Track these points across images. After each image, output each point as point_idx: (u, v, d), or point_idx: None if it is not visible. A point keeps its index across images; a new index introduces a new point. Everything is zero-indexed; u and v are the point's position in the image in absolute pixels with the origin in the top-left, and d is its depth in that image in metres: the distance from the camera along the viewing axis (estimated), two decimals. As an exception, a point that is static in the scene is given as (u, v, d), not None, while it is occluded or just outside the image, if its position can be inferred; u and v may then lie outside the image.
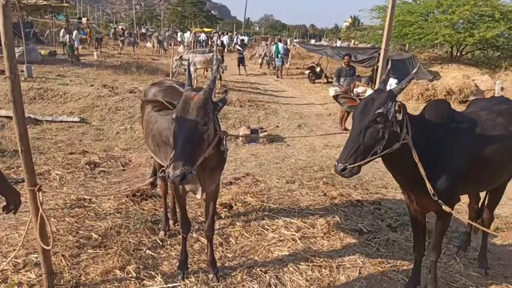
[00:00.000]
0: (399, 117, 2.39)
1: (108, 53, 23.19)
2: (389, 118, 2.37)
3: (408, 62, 15.56)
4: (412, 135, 2.48)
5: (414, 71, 2.88)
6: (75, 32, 20.66)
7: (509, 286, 3.32)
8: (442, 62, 18.13)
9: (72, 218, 4.03)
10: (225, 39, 34.59)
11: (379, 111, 2.35)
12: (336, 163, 2.39)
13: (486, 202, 3.55)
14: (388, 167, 2.71)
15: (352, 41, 33.97)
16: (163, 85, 3.80)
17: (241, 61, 18.29)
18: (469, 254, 3.81)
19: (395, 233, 4.20)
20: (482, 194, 3.70)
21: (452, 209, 2.66)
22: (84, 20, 45.21)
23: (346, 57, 9.82)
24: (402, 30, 18.63)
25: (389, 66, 2.97)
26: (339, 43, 34.72)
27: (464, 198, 3.77)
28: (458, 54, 19.18)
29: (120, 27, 38.76)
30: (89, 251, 3.44)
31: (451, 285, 3.31)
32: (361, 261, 3.62)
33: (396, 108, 2.38)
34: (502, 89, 12.84)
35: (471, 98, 13.04)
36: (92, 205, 4.46)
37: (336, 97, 2.76)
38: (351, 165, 2.34)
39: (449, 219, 2.87)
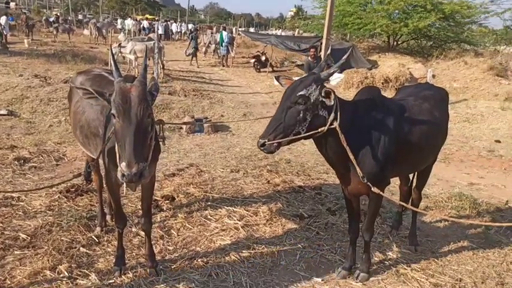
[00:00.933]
0: (328, 102, 2.46)
1: (41, 40, 21.62)
2: (312, 101, 2.46)
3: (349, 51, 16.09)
4: (343, 120, 2.56)
5: (344, 56, 2.93)
6: (3, 18, 19.07)
7: (436, 260, 3.57)
8: (379, 51, 18.94)
9: (-3, 218, 3.73)
10: (174, 26, 33.68)
11: (301, 93, 2.45)
12: (259, 138, 2.50)
13: (415, 183, 3.76)
14: (320, 151, 2.79)
15: (297, 30, 34.51)
16: (91, 73, 3.59)
17: (195, 53, 17.75)
18: (401, 232, 4.04)
19: (334, 216, 4.35)
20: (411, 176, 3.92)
21: (383, 191, 2.80)
22: (12, 4, 41.81)
23: (312, 49, 9.25)
24: (342, 20, 19.19)
25: (329, 51, 3.04)
26: (279, 31, 35.17)
27: (396, 180, 3.98)
28: (395, 43, 20.15)
29: (54, 13, 36.30)
30: (16, 252, 3.20)
31: (384, 263, 3.49)
32: (302, 246, 3.71)
33: (323, 94, 2.45)
34: (433, 76, 13.69)
35: (406, 85, 13.83)
36: (21, 203, 4.16)
37: (277, 78, 2.82)
38: (270, 142, 2.45)
39: (380, 201, 3.00)
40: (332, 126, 2.53)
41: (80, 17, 43.77)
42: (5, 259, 3.10)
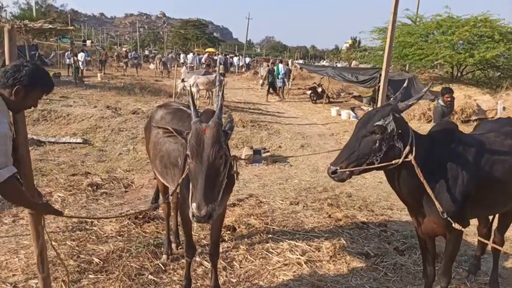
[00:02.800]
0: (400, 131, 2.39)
1: (112, 74, 23.49)
2: (389, 131, 2.40)
3: (410, 83, 15.64)
4: (418, 153, 2.47)
5: (425, 90, 2.88)
6: (81, 54, 21.02)
7: (523, 312, 3.22)
8: (442, 82, 18.18)
9: (73, 242, 3.96)
10: (235, 60, 35.17)
11: (378, 123, 2.41)
12: (329, 165, 2.47)
13: (497, 225, 3.47)
14: (391, 185, 2.68)
15: (353, 62, 34.42)
16: (171, 107, 3.79)
17: (273, 86, 18.15)
18: (479, 278, 3.71)
19: (402, 256, 4.11)
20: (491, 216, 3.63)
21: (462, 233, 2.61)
22: (88, 42, 46.06)
23: (447, 95, 6.69)
24: (402, 51, 18.82)
25: (405, 84, 3.01)
26: (339, 64, 35.16)
27: (473, 221, 3.70)
28: (459, 74, 19.31)
29: (123, 49, 39.39)
30: (90, 276, 3.36)
31: (463, 312, 3.21)
32: (369, 286, 3.52)
33: (397, 124, 2.39)
34: (504, 108, 12.85)
35: (473, 117, 13.07)
36: (94, 228, 4.39)
37: (352, 109, 2.82)
38: (342, 170, 2.42)
39: (459, 242, 2.80)
40: (407, 159, 2.45)
41: (146, 52, 47.07)
42: (80, 282, 3.26)
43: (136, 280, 3.35)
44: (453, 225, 2.45)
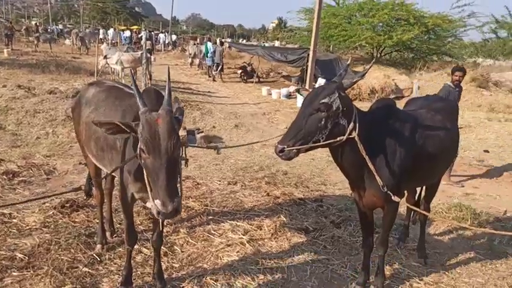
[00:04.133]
0: (344, 109, 2.43)
1: (22, 50, 21.15)
2: (334, 109, 2.43)
3: (334, 63, 16.28)
4: (361, 130, 2.53)
5: (368, 67, 2.95)
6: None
7: (446, 273, 3.55)
8: (364, 63, 19.22)
9: (-10, 237, 3.52)
10: (162, 37, 33.55)
11: (324, 100, 2.42)
12: (277, 144, 2.46)
13: (424, 195, 3.75)
14: (336, 162, 2.74)
15: (276, 42, 34.82)
16: (104, 85, 3.44)
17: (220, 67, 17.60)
18: (408, 245, 4.01)
19: (339, 229, 4.29)
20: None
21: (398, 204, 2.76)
22: (-10, 13, 40.86)
23: (456, 72, 6.01)
24: (328, 32, 19.48)
25: (349, 61, 3.05)
26: (277, 43, 35.41)
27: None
28: (378, 55, 20.53)
29: (34, 23, 35.65)
30: (14, 273, 3.01)
31: (396, 277, 3.45)
32: (311, 260, 3.63)
33: (342, 101, 2.43)
34: (418, 87, 13.95)
35: (392, 96, 14.02)
36: (14, 220, 3.95)
37: (298, 90, 2.77)
38: (290, 148, 2.42)
39: (395, 213, 2.97)
40: (351, 136, 2.50)
41: (61, 26, 43.10)
42: (3, 281, 2.91)
43: (69, 274, 3.07)
44: (392, 197, 2.57)
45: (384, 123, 2.73)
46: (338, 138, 2.48)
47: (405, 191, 2.98)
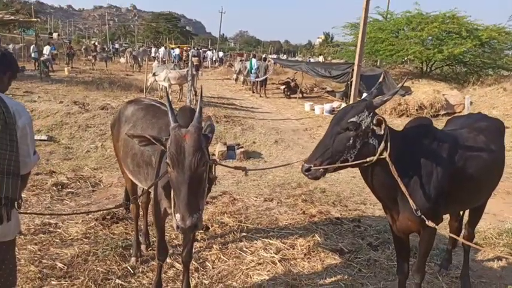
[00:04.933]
0: (378, 131, 2.34)
1: (80, 68, 22.70)
2: (363, 128, 2.36)
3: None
4: (393, 151, 2.42)
5: (399, 85, 2.86)
6: (46, 47, 20.15)
7: (493, 305, 3.27)
8: (412, 78, 18.59)
9: (36, 246, 3.74)
10: (209, 54, 34.75)
11: (352, 119, 2.35)
12: (303, 163, 2.41)
13: (467, 220, 3.51)
14: (366, 182, 2.64)
15: (320, 57, 34.60)
16: (142, 103, 3.60)
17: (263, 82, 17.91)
18: (451, 272, 3.75)
19: (376, 251, 4.11)
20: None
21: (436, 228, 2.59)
22: (55, 35, 44.34)
23: None
24: (374, 46, 19.10)
25: (381, 79, 2.95)
26: (320, 58, 35.35)
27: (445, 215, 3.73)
28: (428, 69, 19.78)
29: (92, 42, 38.17)
30: (53, 282, 3.16)
31: (436, 307, 3.22)
32: (343, 284, 3.50)
33: (374, 122, 2.34)
34: (471, 103, 13.24)
35: (442, 112, 13.41)
36: (58, 230, 4.17)
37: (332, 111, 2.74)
38: (316, 167, 2.36)
39: (433, 238, 2.79)
40: (382, 157, 2.40)
41: (117, 46, 45.80)
42: (42, 289, 3.06)
43: (102, 285, 3.18)
44: (427, 222, 2.43)
45: (419, 143, 2.60)
46: (368, 159, 2.40)
47: (443, 216, 2.79)
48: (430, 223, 2.43)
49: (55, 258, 3.52)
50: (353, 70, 14.42)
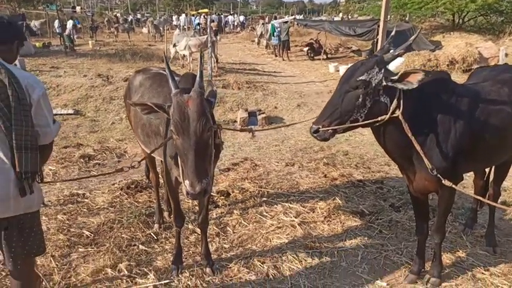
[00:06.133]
0: (409, 85, 2.23)
1: (104, 41, 22.84)
2: (373, 85, 2.26)
3: (409, 33, 15.11)
4: (407, 108, 2.31)
5: (412, 38, 2.68)
6: (69, 22, 20.33)
7: (519, 263, 3.18)
8: (443, 31, 17.63)
9: (64, 215, 3.91)
10: (230, 19, 34.15)
11: (361, 77, 2.25)
12: (312, 124, 2.34)
13: (492, 177, 3.37)
14: (378, 142, 2.56)
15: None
16: (150, 72, 3.61)
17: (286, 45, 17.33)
18: (476, 231, 3.66)
19: (398, 213, 4.06)
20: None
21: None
22: (78, 8, 44.63)
23: None
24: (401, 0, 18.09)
25: (392, 33, 2.80)
26: (339, 17, 33.99)
27: (470, 173, 3.60)
28: (460, 21, 18.64)
29: (114, 14, 38.16)
30: (80, 249, 3.32)
31: (458, 266, 3.17)
32: (363, 245, 3.49)
33: (383, 76, 2.22)
34: (506, 55, 12.47)
35: (475, 66, 12.70)
36: (86, 200, 4.34)
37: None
38: (325, 128, 2.30)
39: (452, 198, 2.70)
40: (394, 115, 2.30)
41: (139, 16, 45.61)
42: (70, 256, 3.23)
43: (127, 251, 3.31)
44: (443, 181, 2.33)
45: (435, 99, 2.46)
46: (379, 118, 2.30)
47: (463, 174, 2.68)
48: (446, 182, 2.34)
49: (82, 227, 3.69)
50: (379, 26, 13.79)
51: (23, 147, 1.89)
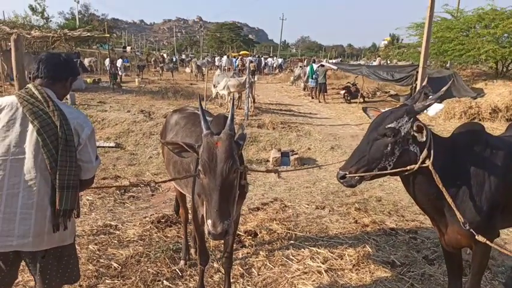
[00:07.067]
0: (420, 138, 2.22)
1: (149, 79, 24.11)
2: (402, 134, 2.25)
3: (449, 80, 14.92)
4: (437, 158, 2.28)
5: (444, 88, 2.68)
6: (119, 61, 21.77)
7: None
8: (486, 78, 17.25)
9: (96, 246, 4.03)
10: (269, 61, 35.30)
11: (390, 125, 2.26)
12: (338, 170, 2.34)
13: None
14: (408, 191, 2.51)
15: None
16: (186, 112, 3.78)
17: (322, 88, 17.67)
18: (517, 292, 3.40)
19: (432, 266, 3.86)
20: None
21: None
22: (128, 48, 47.68)
23: None
24: (441, 46, 18.02)
25: (425, 82, 2.81)
26: (377, 61, 34.12)
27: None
28: (504, 69, 18.19)
29: (161, 54, 40.42)
30: (107, 281, 3.39)
31: (496, 330, 2.95)
32: (393, 298, 3.33)
33: (414, 128, 2.21)
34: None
35: (520, 115, 12.21)
36: (117, 232, 4.46)
37: (365, 109, 2.71)
38: (352, 174, 2.29)
39: (487, 255, 2.56)
40: (424, 165, 2.27)
41: (183, 56, 48.07)
42: (96, 287, 3.30)
43: (151, 286, 3.34)
44: (476, 237, 2.23)
45: (468, 150, 2.41)
46: (408, 167, 2.28)
47: (499, 230, 2.55)
48: (480, 237, 2.24)
49: (111, 258, 3.77)
50: (417, 72, 13.73)
51: (65, 186, 1.99)
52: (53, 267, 2.08)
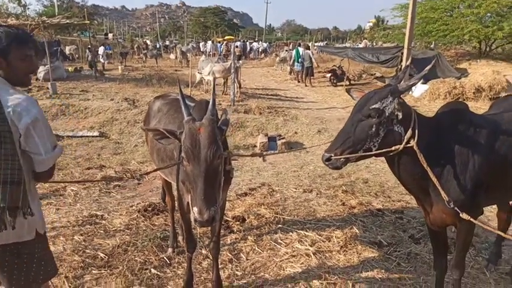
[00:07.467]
0: (400, 115, 2.20)
1: (132, 66, 23.67)
2: (387, 114, 2.24)
3: (434, 61, 14.99)
4: (422, 138, 2.27)
5: (427, 68, 2.65)
6: (101, 48, 21.29)
7: (547, 304, 2.99)
8: (470, 58, 17.40)
9: (81, 236, 3.97)
10: (255, 45, 34.98)
11: (375, 106, 2.23)
12: (324, 152, 2.32)
13: (516, 211, 3.22)
14: (393, 172, 2.51)
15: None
16: (168, 98, 3.71)
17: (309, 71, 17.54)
18: (500, 267, 3.48)
19: (418, 245, 3.92)
20: None
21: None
22: (110, 35, 46.71)
23: None
24: (426, 27, 18.06)
25: (408, 62, 2.79)
26: (362, 44, 34.14)
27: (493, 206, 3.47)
28: (487, 49, 18.35)
29: (144, 40, 39.70)
30: (94, 271, 3.35)
31: (480, 304, 3.01)
32: (380, 278, 3.37)
33: (396, 106, 2.20)
34: (536, 83, 12.11)
35: (503, 94, 12.38)
36: (103, 222, 4.40)
37: (348, 90, 2.65)
38: (337, 157, 2.28)
39: (471, 232, 2.59)
40: (409, 145, 2.26)
41: (167, 42, 47.27)
42: (83, 278, 3.26)
43: (139, 275, 3.32)
44: (461, 215, 2.25)
45: (452, 129, 2.40)
46: (393, 147, 2.27)
47: (483, 208, 2.58)
48: (464, 215, 2.26)
49: (97, 249, 3.73)
50: (403, 54, 13.76)
51: (3, 181, 1.79)
52: (13, 265, 1.95)
